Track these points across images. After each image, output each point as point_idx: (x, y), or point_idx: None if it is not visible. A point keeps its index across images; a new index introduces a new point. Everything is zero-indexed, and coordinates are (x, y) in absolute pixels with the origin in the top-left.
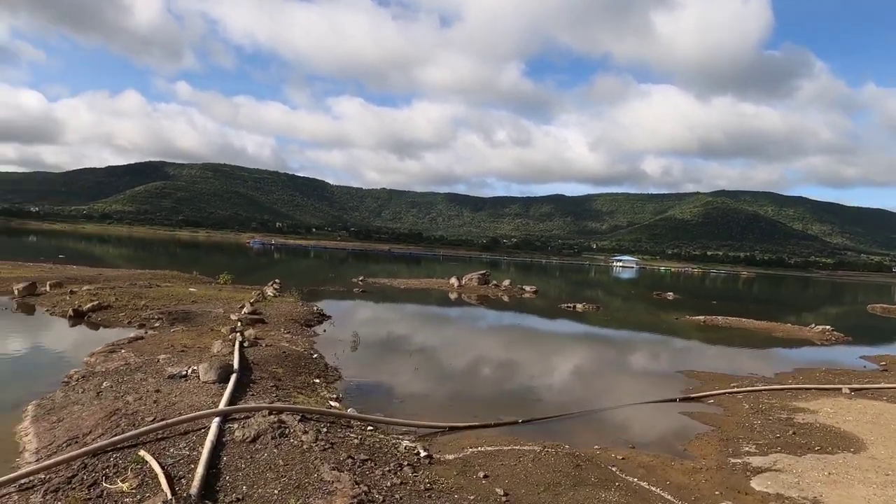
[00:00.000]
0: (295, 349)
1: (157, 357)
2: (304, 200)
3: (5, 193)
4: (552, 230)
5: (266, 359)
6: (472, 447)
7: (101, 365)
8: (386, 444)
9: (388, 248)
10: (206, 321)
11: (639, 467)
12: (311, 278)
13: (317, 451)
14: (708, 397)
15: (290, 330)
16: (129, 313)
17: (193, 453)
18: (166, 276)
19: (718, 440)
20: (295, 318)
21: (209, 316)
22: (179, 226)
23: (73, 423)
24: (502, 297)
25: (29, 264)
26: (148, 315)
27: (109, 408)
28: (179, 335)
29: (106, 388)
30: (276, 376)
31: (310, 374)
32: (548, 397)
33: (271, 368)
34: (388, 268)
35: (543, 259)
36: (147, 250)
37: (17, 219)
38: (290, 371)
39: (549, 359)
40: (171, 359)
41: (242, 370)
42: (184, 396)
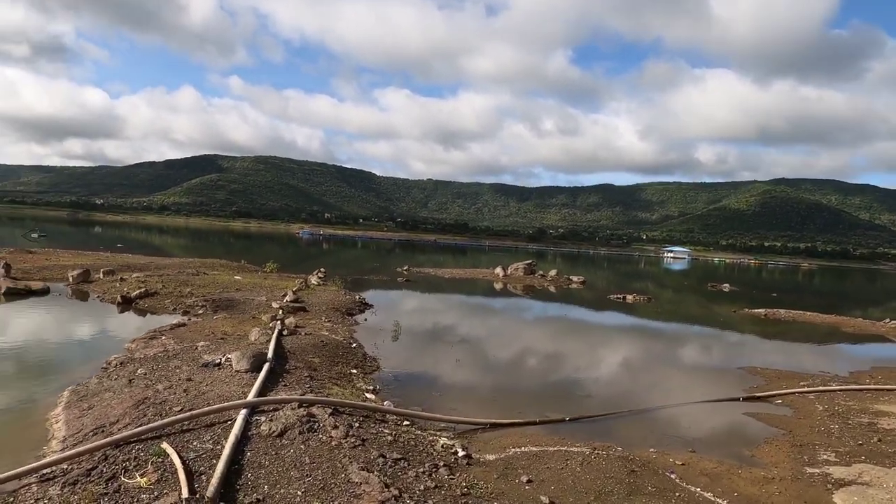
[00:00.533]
0: (334, 338)
1: (195, 344)
2: (351, 191)
3: (73, 187)
4: (600, 220)
5: (303, 348)
6: (515, 447)
7: (140, 351)
8: (422, 441)
9: (435, 238)
10: (248, 309)
11: (701, 475)
12: (357, 268)
13: (346, 448)
14: (775, 397)
15: (331, 318)
16: (175, 300)
17: (217, 447)
18: (214, 264)
19: (791, 446)
20: (337, 306)
21: (251, 304)
22: (233, 217)
23: (101, 412)
24: (548, 288)
25: (88, 253)
26: (192, 302)
27: (139, 396)
28: (220, 322)
29: (139, 376)
30: (311, 366)
31: (347, 365)
32: (597, 393)
33: (308, 358)
34: (433, 258)
35: (591, 250)
36: (202, 240)
37: (84, 211)
38: (326, 361)
39: (597, 352)
40: (209, 346)
41: (277, 359)
42: (214, 386)
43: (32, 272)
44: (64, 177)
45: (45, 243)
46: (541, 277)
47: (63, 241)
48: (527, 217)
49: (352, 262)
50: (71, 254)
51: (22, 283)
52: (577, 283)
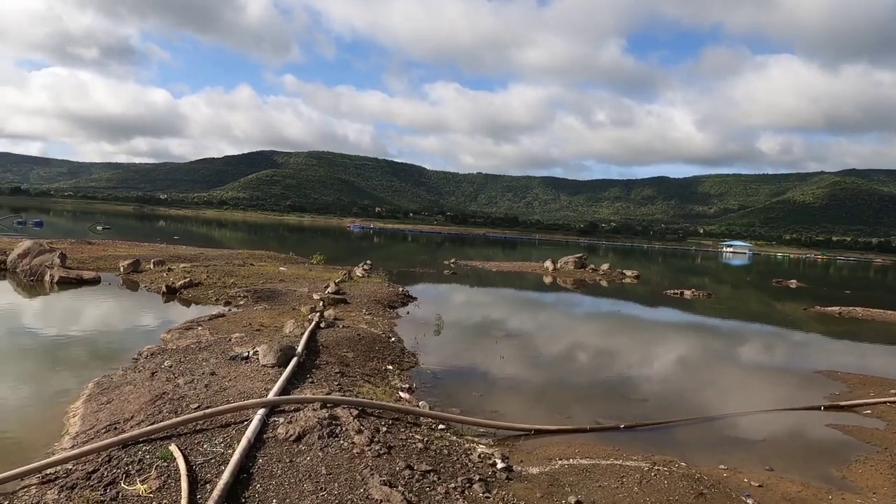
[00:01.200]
0: (372, 331)
1: (230, 336)
2: (402, 185)
3: (139, 182)
4: (654, 214)
5: (338, 341)
6: (562, 458)
7: (173, 342)
8: (457, 449)
9: (484, 232)
10: (289, 300)
11: (784, 500)
12: (405, 261)
13: (369, 456)
14: (862, 406)
15: (372, 311)
16: (218, 291)
17: (228, 451)
18: (262, 256)
19: (889, 466)
20: (379, 299)
21: (293, 295)
22: (287, 211)
23: (118, 406)
24: (600, 282)
25: (144, 244)
26: (235, 293)
27: (157, 391)
28: (259, 313)
29: (163, 369)
30: (344, 361)
31: (383, 360)
32: (654, 397)
33: (341, 352)
34: (482, 251)
35: (645, 244)
36: (257, 233)
37: (149, 205)
38: (361, 355)
39: (653, 352)
40: (243, 338)
41: (309, 353)
42: (238, 381)
43: (88, 262)
44: (131, 173)
45: (108, 236)
46: (592, 271)
47: (125, 233)
48: (578, 211)
49: (400, 256)
50: (127, 245)
51: (74, 272)
52: (631, 277)
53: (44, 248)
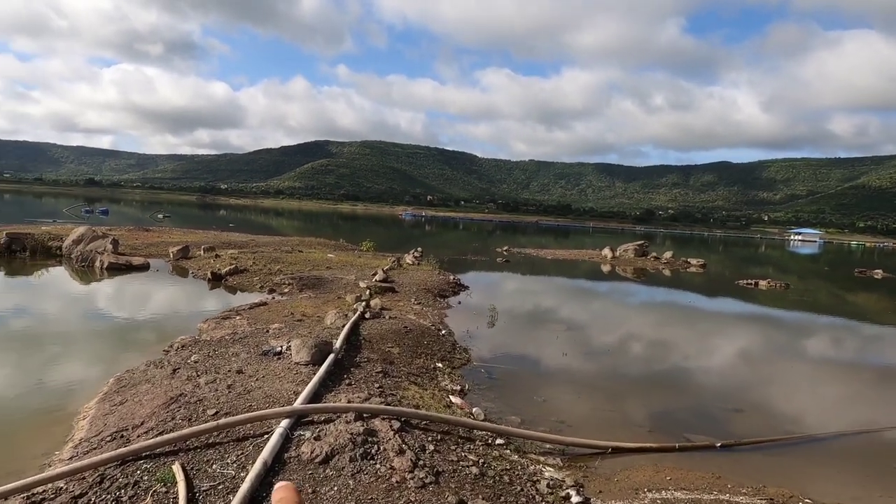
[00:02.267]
0: (421, 323)
1: (268, 327)
2: (453, 174)
3: (202, 173)
4: (715, 201)
5: (383, 334)
6: (652, 489)
7: (208, 333)
8: (519, 474)
9: (536, 220)
10: (335, 288)
11: None
12: (456, 249)
13: (411, 487)
14: None
15: (421, 300)
16: (263, 278)
17: (241, 474)
18: (312, 243)
19: None
20: (428, 287)
21: (339, 283)
22: (341, 200)
23: (130, 409)
24: (663, 272)
25: (199, 231)
26: (279, 280)
27: (174, 391)
28: (303, 302)
29: (188, 364)
30: (388, 358)
31: (431, 356)
32: (751, 407)
33: (385, 347)
34: (534, 239)
35: (705, 232)
36: (311, 222)
37: (211, 195)
38: (407, 351)
39: (740, 352)
40: (281, 329)
41: (349, 349)
42: (265, 381)
43: (140, 248)
44: (194, 164)
45: (167, 223)
46: (654, 260)
47: (184, 221)
48: (633, 198)
49: (451, 244)
50: (182, 232)
51: (124, 258)
52: (696, 266)
53: (97, 234)
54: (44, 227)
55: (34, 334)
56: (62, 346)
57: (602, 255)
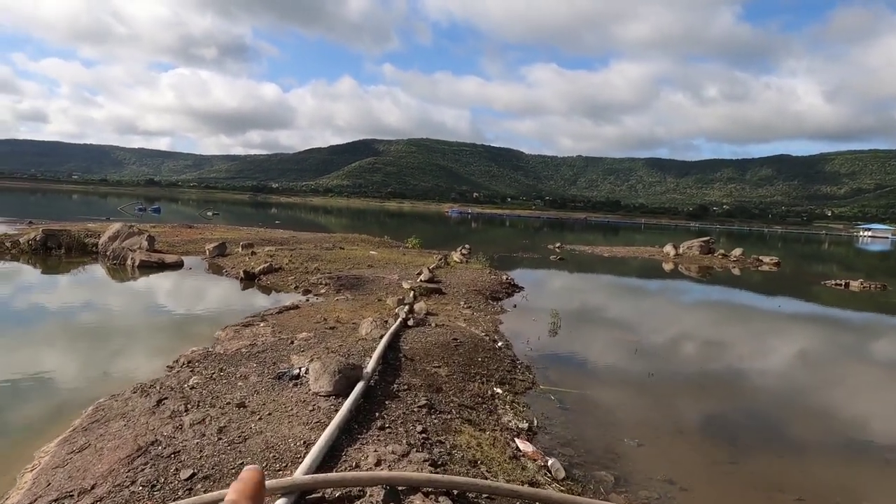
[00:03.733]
0: (472, 332)
1: (294, 336)
2: (499, 170)
3: (254, 172)
4: (773, 196)
5: (428, 348)
6: None
7: (224, 343)
8: None
9: (585, 216)
10: (375, 289)
11: None
12: (504, 245)
13: None
14: None
15: (471, 304)
16: (298, 277)
17: None
18: (355, 239)
19: None
20: (479, 288)
21: (380, 283)
22: (388, 197)
23: (85, 462)
24: (732, 270)
25: (243, 228)
26: (316, 280)
27: (147, 437)
28: (339, 305)
29: (180, 393)
30: (434, 383)
31: (488, 378)
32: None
33: (431, 367)
34: (584, 236)
35: (764, 227)
36: (359, 219)
37: (262, 194)
38: (458, 371)
39: (874, 375)
40: (309, 341)
41: (386, 370)
42: (270, 423)
43: (178, 245)
44: (246, 164)
45: (215, 221)
46: (721, 257)
47: (232, 219)
48: (686, 193)
49: (499, 240)
50: (226, 229)
51: (157, 256)
52: (770, 264)
53: (133, 231)
54: (89, 225)
55: (31, 336)
56: (56, 354)
57: (664, 253)
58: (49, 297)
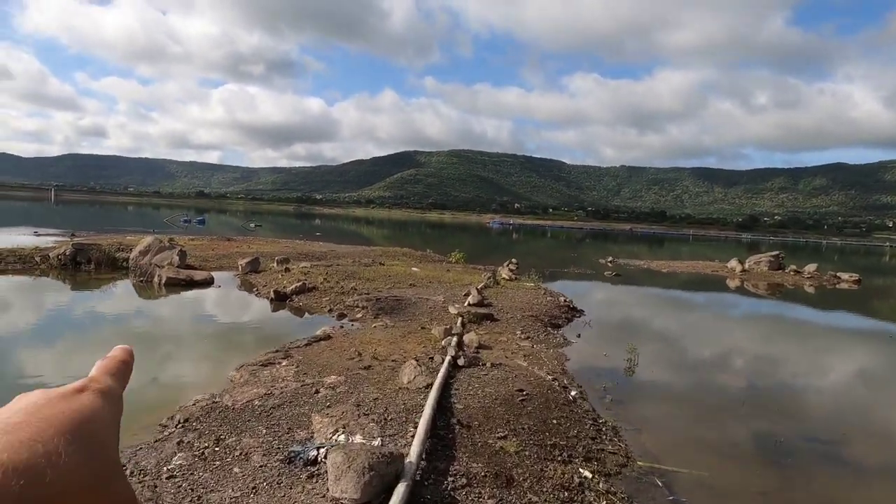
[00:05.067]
0: (537, 375)
1: (321, 382)
2: (540, 181)
3: (299, 184)
4: (828, 206)
5: (488, 407)
6: None
7: (235, 390)
8: None
9: (630, 227)
10: (419, 313)
11: None
12: (550, 259)
13: None
14: None
15: (529, 333)
16: (333, 298)
17: None
18: (396, 253)
19: None
20: (535, 313)
21: (423, 306)
22: (429, 209)
23: None
24: (805, 288)
25: (282, 241)
26: (353, 302)
27: None
28: (377, 334)
29: (148, 492)
30: (502, 470)
31: (570, 454)
32: None
33: (495, 438)
34: (627, 248)
35: (820, 239)
36: (400, 230)
37: (307, 205)
38: (531, 443)
39: None
40: (337, 389)
41: (434, 449)
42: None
43: (211, 260)
44: (291, 176)
45: (257, 233)
46: (794, 274)
47: (275, 230)
48: (735, 203)
49: (542, 253)
50: (264, 241)
51: (185, 273)
52: (849, 281)
53: (164, 245)
54: (128, 238)
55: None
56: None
57: (728, 269)
58: (52, 319)
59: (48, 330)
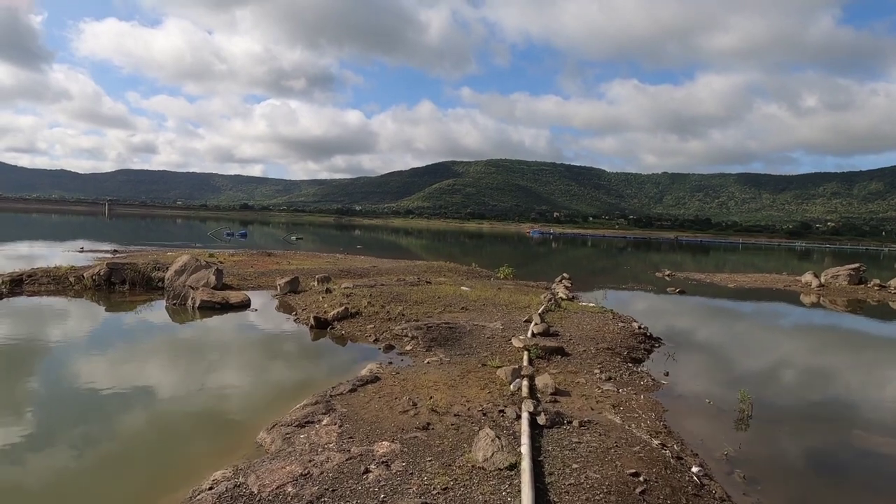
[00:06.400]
0: (636, 437)
1: (370, 452)
2: (579, 189)
3: (339, 196)
4: (886, 211)
5: (587, 488)
6: None
7: (262, 470)
8: None
9: (675, 236)
10: (476, 345)
11: None
12: (600, 271)
13: None
14: None
15: (609, 371)
16: (379, 325)
17: None
18: (441, 268)
19: None
20: (608, 343)
21: (480, 335)
22: (467, 218)
23: None
24: (891, 304)
25: (323, 255)
26: (400, 330)
27: None
28: (432, 374)
29: None
30: None
31: None
32: None
33: None
34: (673, 258)
35: (881, 246)
36: (439, 240)
37: (346, 216)
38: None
39: None
40: (392, 465)
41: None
42: None
43: (250, 278)
44: (331, 188)
45: (299, 245)
46: (878, 289)
47: (317, 242)
48: (784, 210)
49: (588, 264)
50: (305, 256)
51: (220, 295)
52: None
53: (200, 263)
54: (170, 252)
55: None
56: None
57: (803, 283)
58: (59, 355)
59: (46, 369)
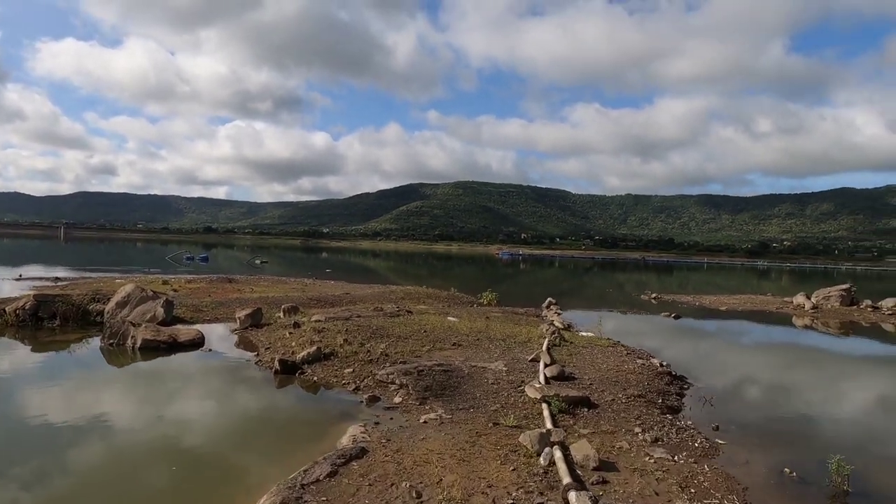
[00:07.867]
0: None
1: None
2: (546, 211)
3: (306, 218)
4: (837, 231)
5: None
6: None
7: None
8: None
9: (641, 256)
10: (481, 396)
11: None
12: (575, 292)
13: None
14: None
15: (651, 428)
16: (359, 368)
17: None
18: (420, 294)
19: None
20: (637, 388)
21: (484, 382)
22: (435, 240)
23: None
24: (883, 326)
25: (290, 280)
26: (385, 375)
27: None
28: (433, 442)
29: None
30: None
31: None
32: None
33: None
34: (634, 277)
35: (831, 265)
36: (407, 262)
37: (313, 238)
38: None
39: None
40: None
41: None
42: None
43: (206, 309)
44: (298, 210)
45: (264, 270)
46: (870, 310)
47: (283, 265)
48: (742, 230)
49: (558, 284)
50: (269, 282)
51: (167, 332)
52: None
53: (146, 294)
54: (117, 279)
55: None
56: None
57: (794, 305)
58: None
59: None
